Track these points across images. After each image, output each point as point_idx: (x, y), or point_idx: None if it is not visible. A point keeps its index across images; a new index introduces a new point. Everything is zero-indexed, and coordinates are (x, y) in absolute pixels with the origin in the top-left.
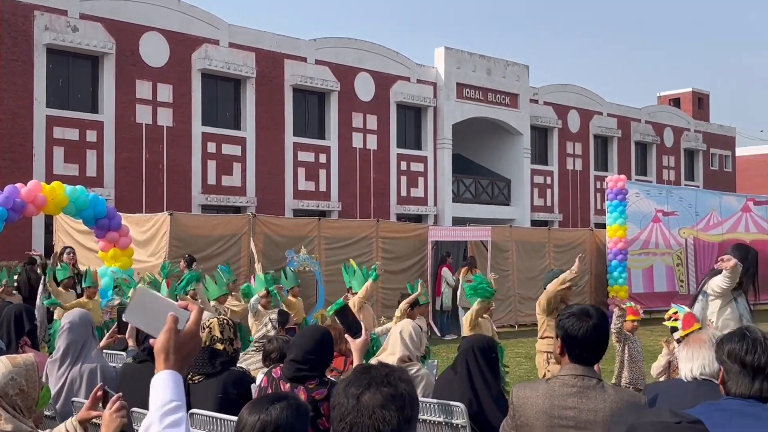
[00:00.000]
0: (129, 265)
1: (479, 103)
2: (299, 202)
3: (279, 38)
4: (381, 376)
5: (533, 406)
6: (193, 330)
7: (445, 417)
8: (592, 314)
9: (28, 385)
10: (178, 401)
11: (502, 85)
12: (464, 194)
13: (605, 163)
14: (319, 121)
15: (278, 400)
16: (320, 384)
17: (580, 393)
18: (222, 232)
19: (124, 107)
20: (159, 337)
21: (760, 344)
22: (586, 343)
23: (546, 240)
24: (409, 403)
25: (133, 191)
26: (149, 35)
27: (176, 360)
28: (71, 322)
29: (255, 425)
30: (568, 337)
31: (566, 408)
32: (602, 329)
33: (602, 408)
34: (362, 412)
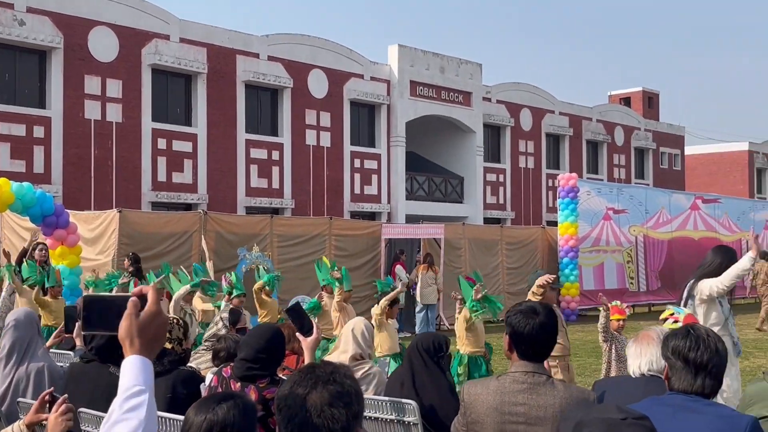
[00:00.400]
0: (77, 263)
1: (433, 101)
2: (252, 199)
3: (231, 34)
4: (326, 375)
5: (484, 402)
6: (152, 310)
7: (397, 415)
8: (539, 311)
9: None
10: (141, 386)
11: (455, 83)
12: (418, 192)
13: (557, 162)
14: (272, 117)
15: (225, 400)
16: (271, 383)
17: (530, 389)
18: (172, 230)
19: (72, 103)
20: (121, 323)
21: (704, 342)
22: (533, 341)
23: (498, 237)
24: (356, 398)
25: (82, 188)
26: (98, 30)
27: (141, 344)
28: (16, 319)
29: (201, 425)
30: (515, 334)
31: (516, 404)
32: (549, 327)
33: (552, 404)
34: (310, 412)
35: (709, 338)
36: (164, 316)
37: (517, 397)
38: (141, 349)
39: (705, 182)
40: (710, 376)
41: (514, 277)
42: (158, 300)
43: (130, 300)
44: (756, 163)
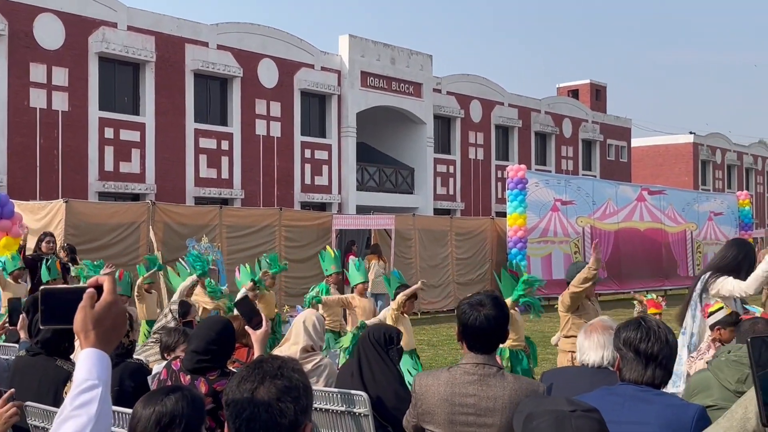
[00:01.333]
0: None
1: (383, 91)
2: (201, 189)
3: (179, 22)
4: (274, 369)
5: (435, 394)
6: (108, 300)
7: (347, 406)
8: (485, 303)
9: None
10: (94, 380)
11: (406, 74)
12: (368, 182)
13: (506, 153)
14: (222, 107)
15: (173, 392)
16: (222, 375)
17: (480, 381)
18: (120, 221)
19: (16, 91)
20: (76, 316)
21: (654, 333)
22: (479, 333)
23: (448, 228)
24: (304, 392)
25: (27, 178)
26: (44, 16)
27: (97, 336)
28: None
29: (150, 418)
30: (463, 325)
31: (467, 395)
32: (495, 319)
33: (501, 395)
34: (258, 407)
35: (660, 330)
36: (121, 306)
37: (467, 389)
38: (96, 342)
39: (651, 174)
40: (660, 367)
41: (464, 267)
42: (114, 290)
43: (86, 291)
44: (700, 155)
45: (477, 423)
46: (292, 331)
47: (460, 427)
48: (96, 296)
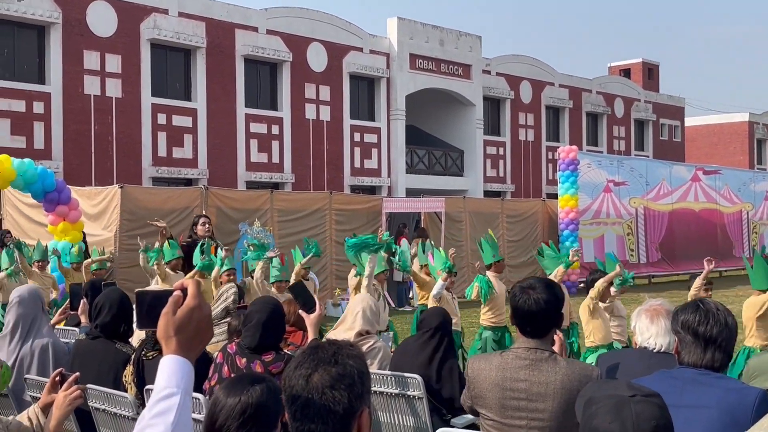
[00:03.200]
0: (79, 238)
1: (432, 74)
2: (252, 174)
3: (229, 7)
4: (328, 356)
5: (486, 378)
6: (191, 305)
7: (401, 389)
8: (536, 287)
9: None
10: (173, 388)
11: (454, 56)
12: (418, 165)
13: (557, 134)
14: (271, 92)
15: (257, 382)
16: (277, 357)
17: (531, 366)
18: (174, 205)
19: (71, 78)
20: (159, 322)
21: (713, 316)
22: (529, 316)
23: (499, 210)
24: (359, 379)
25: (82, 164)
26: (96, 4)
27: (179, 342)
28: (20, 296)
29: (234, 407)
30: (513, 308)
31: (518, 380)
32: (545, 302)
33: (553, 380)
34: (312, 393)
35: (719, 312)
36: (205, 311)
37: (519, 374)
38: (177, 349)
39: (705, 153)
40: (720, 350)
41: (515, 249)
42: (198, 294)
43: (171, 295)
44: (756, 133)
45: (528, 408)
46: (346, 316)
47: (511, 411)
48: (181, 300)
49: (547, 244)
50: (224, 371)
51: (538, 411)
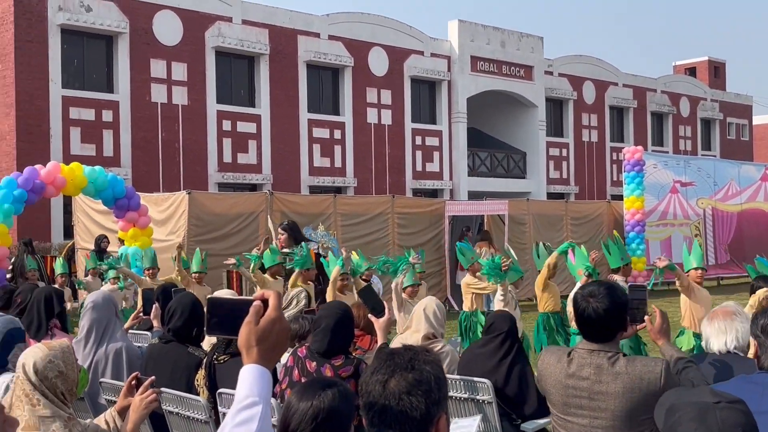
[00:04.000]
0: (149, 244)
1: (494, 75)
2: (315, 178)
3: (292, 14)
4: (405, 362)
5: (551, 374)
6: (272, 317)
7: (470, 393)
8: (596, 294)
9: (66, 368)
10: (255, 397)
11: (516, 58)
12: (480, 168)
13: (621, 134)
14: (334, 96)
15: (329, 387)
16: (346, 361)
17: (593, 366)
18: (240, 210)
19: (138, 86)
20: (240, 331)
21: None
22: (590, 323)
23: (563, 213)
24: (436, 385)
25: (150, 170)
26: (162, 14)
27: (260, 352)
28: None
29: (306, 412)
30: (576, 315)
31: (581, 379)
32: (606, 311)
33: (614, 380)
34: (389, 399)
35: None
36: (285, 323)
37: (582, 372)
38: (258, 358)
39: None
40: None
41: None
42: (279, 306)
43: (252, 305)
44: None
45: (590, 406)
46: (413, 319)
47: (573, 408)
48: (262, 311)
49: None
50: (294, 375)
51: (600, 410)
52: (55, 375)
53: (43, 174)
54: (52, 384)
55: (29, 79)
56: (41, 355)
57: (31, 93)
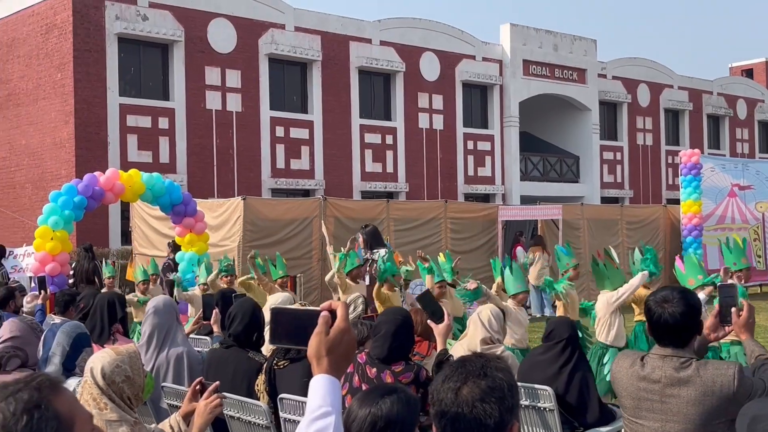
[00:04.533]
0: (205, 249)
1: (546, 79)
2: (367, 183)
3: (344, 20)
4: (477, 369)
5: (624, 377)
6: (341, 327)
7: (531, 401)
8: (670, 299)
9: (133, 372)
10: (327, 407)
11: (569, 61)
12: (532, 172)
13: (676, 138)
14: (385, 102)
15: (389, 394)
16: (406, 367)
17: (668, 378)
18: (293, 216)
19: (193, 94)
20: (310, 341)
21: None
22: (664, 330)
23: (618, 217)
24: (509, 392)
25: (205, 177)
26: (217, 22)
27: (329, 362)
28: (155, 307)
29: (365, 419)
30: (649, 323)
31: (653, 382)
32: (681, 315)
33: (686, 385)
34: (462, 407)
35: None
36: (353, 334)
37: (654, 374)
38: (329, 368)
39: None
40: None
41: None
42: (347, 316)
43: (320, 315)
44: None
45: (662, 410)
46: (470, 326)
47: (645, 412)
48: (331, 321)
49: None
50: (355, 381)
51: (671, 413)
52: (122, 379)
53: (102, 181)
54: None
55: (87, 87)
56: (109, 360)
57: (90, 101)
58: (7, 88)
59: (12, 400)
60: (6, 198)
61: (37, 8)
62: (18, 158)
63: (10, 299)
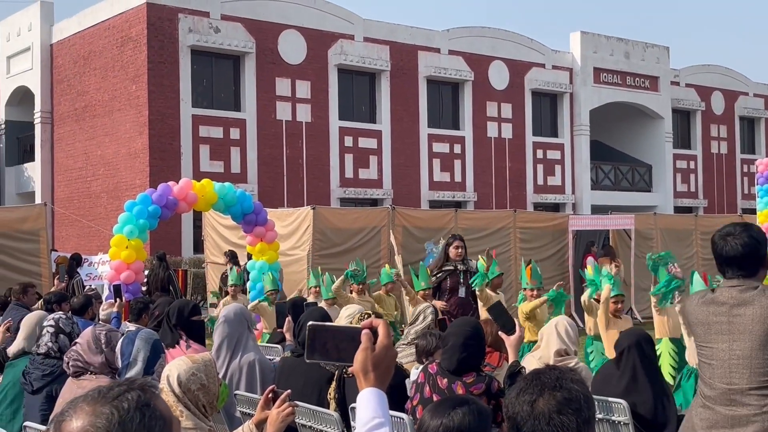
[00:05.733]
0: (275, 258)
1: (617, 87)
2: (435, 193)
3: (412, 30)
4: (552, 381)
5: (694, 308)
6: (385, 344)
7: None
8: (732, 233)
9: (208, 381)
10: (381, 418)
11: (641, 68)
12: (603, 181)
13: (752, 146)
14: (453, 111)
15: (460, 405)
16: (477, 379)
17: (734, 298)
18: (362, 225)
19: (264, 105)
20: (356, 356)
21: None
22: (729, 261)
23: (693, 227)
24: (585, 404)
25: (275, 186)
26: (287, 33)
27: (376, 377)
28: (226, 316)
29: (438, 429)
30: (716, 257)
31: (720, 304)
32: (744, 246)
33: (751, 304)
34: (539, 419)
35: None
36: (395, 350)
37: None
38: (375, 382)
39: None
40: None
41: (712, 268)
42: (389, 333)
43: (363, 333)
44: None
45: (729, 330)
46: (543, 337)
47: (714, 335)
48: (373, 338)
49: None
50: (426, 391)
51: (738, 333)
52: (197, 387)
53: (176, 190)
54: (194, 396)
55: (161, 98)
56: (185, 368)
57: (163, 112)
58: (83, 100)
59: (124, 399)
60: (82, 207)
61: (113, 21)
62: (94, 168)
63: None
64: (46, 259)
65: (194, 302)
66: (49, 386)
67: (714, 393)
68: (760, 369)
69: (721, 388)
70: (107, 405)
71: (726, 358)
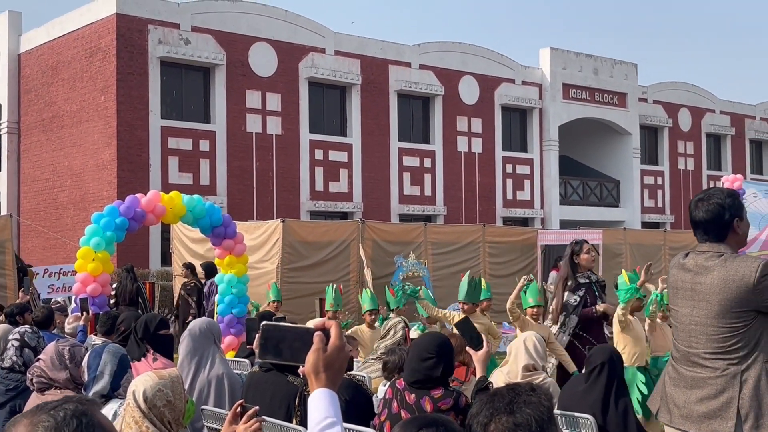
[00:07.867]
0: (244, 271)
1: (586, 103)
2: (405, 206)
3: (383, 44)
4: (504, 405)
5: (670, 272)
6: (337, 345)
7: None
8: (703, 198)
9: (174, 397)
10: (332, 417)
11: (609, 85)
12: (572, 196)
13: (719, 162)
14: (424, 125)
15: (427, 426)
16: (445, 393)
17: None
18: (331, 238)
19: (234, 117)
20: (308, 357)
21: None
22: (696, 225)
23: (662, 242)
24: (537, 427)
25: (245, 199)
26: (258, 45)
27: (327, 377)
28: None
29: None
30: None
31: (687, 270)
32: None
33: (712, 273)
34: None
35: None
36: (347, 352)
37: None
38: (327, 383)
39: None
40: None
41: None
42: (342, 335)
43: (315, 335)
44: None
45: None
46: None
47: (680, 300)
48: (325, 339)
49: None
50: (394, 407)
51: (698, 300)
52: (163, 404)
53: (144, 202)
54: (159, 412)
55: (130, 109)
56: (151, 384)
57: (132, 123)
58: (51, 111)
59: (60, 410)
60: (49, 219)
61: (82, 32)
62: (61, 179)
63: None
64: (11, 270)
65: (162, 315)
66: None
67: (678, 354)
68: (714, 336)
69: (683, 351)
70: (44, 414)
71: (687, 322)
